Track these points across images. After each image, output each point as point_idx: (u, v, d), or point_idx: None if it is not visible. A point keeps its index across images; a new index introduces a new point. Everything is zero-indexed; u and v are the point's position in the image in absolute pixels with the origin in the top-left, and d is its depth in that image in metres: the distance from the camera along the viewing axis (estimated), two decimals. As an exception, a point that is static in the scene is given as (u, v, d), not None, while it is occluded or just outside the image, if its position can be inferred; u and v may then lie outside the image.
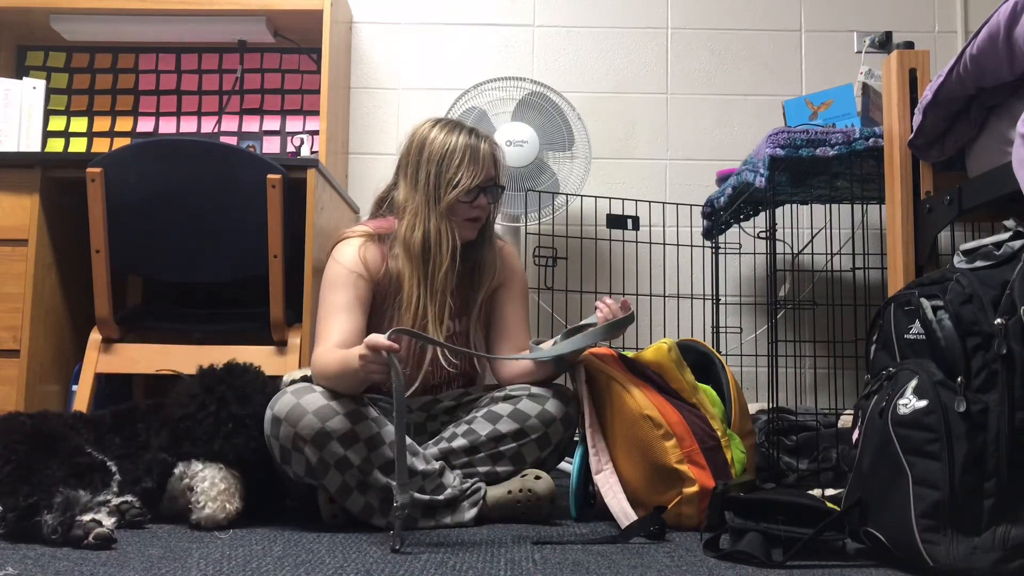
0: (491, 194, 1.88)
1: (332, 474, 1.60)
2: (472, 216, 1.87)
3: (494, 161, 1.89)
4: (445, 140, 1.86)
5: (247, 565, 1.28)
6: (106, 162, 2.20)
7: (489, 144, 1.89)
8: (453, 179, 1.83)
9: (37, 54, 3.09)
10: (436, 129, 1.88)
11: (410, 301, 1.81)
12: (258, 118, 3.07)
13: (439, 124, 1.90)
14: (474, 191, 1.85)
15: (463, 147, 1.84)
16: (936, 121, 1.69)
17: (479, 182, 1.84)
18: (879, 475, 1.31)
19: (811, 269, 2.94)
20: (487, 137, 1.90)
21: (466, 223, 1.88)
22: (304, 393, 1.64)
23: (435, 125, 1.90)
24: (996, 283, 1.25)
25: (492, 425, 1.76)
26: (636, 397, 1.70)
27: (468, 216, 1.87)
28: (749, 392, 2.86)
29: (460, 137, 1.86)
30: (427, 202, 1.84)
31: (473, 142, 1.86)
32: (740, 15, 3.11)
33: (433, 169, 1.85)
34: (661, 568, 1.31)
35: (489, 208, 1.90)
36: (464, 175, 1.83)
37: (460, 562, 1.33)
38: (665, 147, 3.07)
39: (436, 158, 1.85)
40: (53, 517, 1.42)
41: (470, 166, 1.84)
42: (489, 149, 1.88)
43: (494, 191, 1.89)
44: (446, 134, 1.86)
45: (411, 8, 3.11)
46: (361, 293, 1.83)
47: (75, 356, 2.43)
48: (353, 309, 1.80)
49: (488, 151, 1.87)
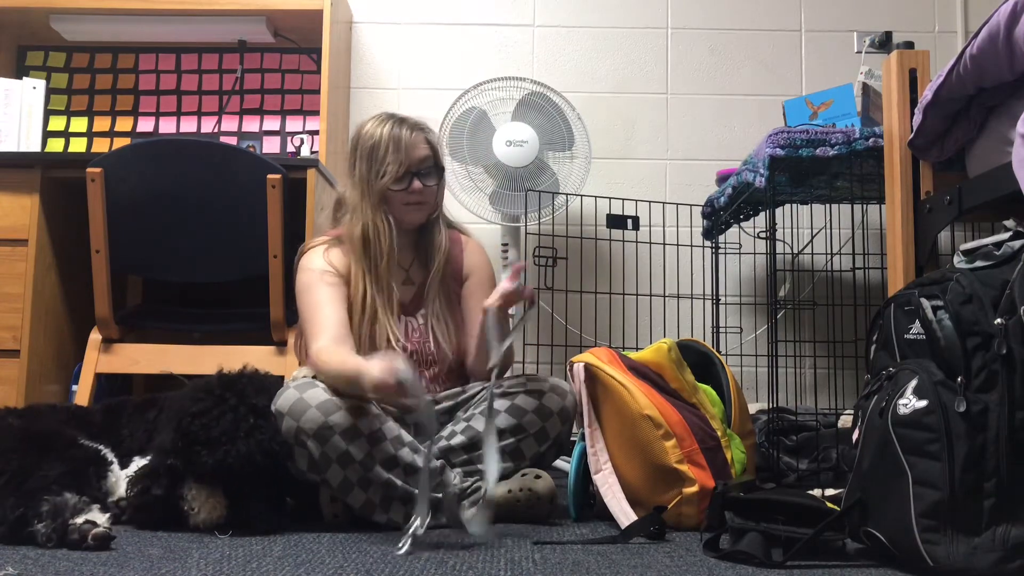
0: (426, 177, 1.90)
1: (334, 469, 1.60)
2: (410, 201, 1.90)
3: (426, 144, 1.91)
4: (372, 133, 1.89)
5: (247, 565, 1.28)
6: (106, 162, 2.20)
7: (415, 130, 1.91)
8: (380, 170, 1.87)
9: (37, 54, 3.09)
10: (369, 124, 1.92)
11: (357, 294, 1.85)
12: (258, 118, 3.07)
13: (372, 119, 1.93)
14: (405, 178, 1.87)
15: (387, 137, 1.88)
16: (936, 121, 1.69)
17: (405, 168, 1.87)
18: (879, 475, 1.31)
19: (811, 269, 2.94)
20: (416, 124, 1.93)
21: (408, 208, 1.90)
22: (307, 388, 1.64)
23: (370, 121, 1.93)
24: (996, 283, 1.25)
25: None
26: (636, 397, 1.70)
27: (406, 202, 1.89)
28: (749, 392, 2.86)
29: (385, 128, 1.89)
30: (362, 196, 1.88)
31: (396, 131, 1.88)
32: (740, 15, 3.11)
33: (364, 164, 1.89)
34: (661, 568, 1.31)
35: (431, 191, 1.92)
36: (390, 164, 1.86)
37: (460, 562, 1.33)
38: (665, 147, 3.07)
39: (366, 152, 1.89)
40: (45, 526, 1.40)
41: (395, 154, 1.86)
42: (414, 135, 1.89)
43: (430, 174, 1.91)
44: (374, 128, 1.90)
45: (411, 8, 3.11)
46: (336, 287, 1.85)
47: (75, 356, 2.43)
48: (334, 301, 1.83)
49: (412, 137, 1.89)
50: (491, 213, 2.71)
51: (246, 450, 1.53)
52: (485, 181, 2.72)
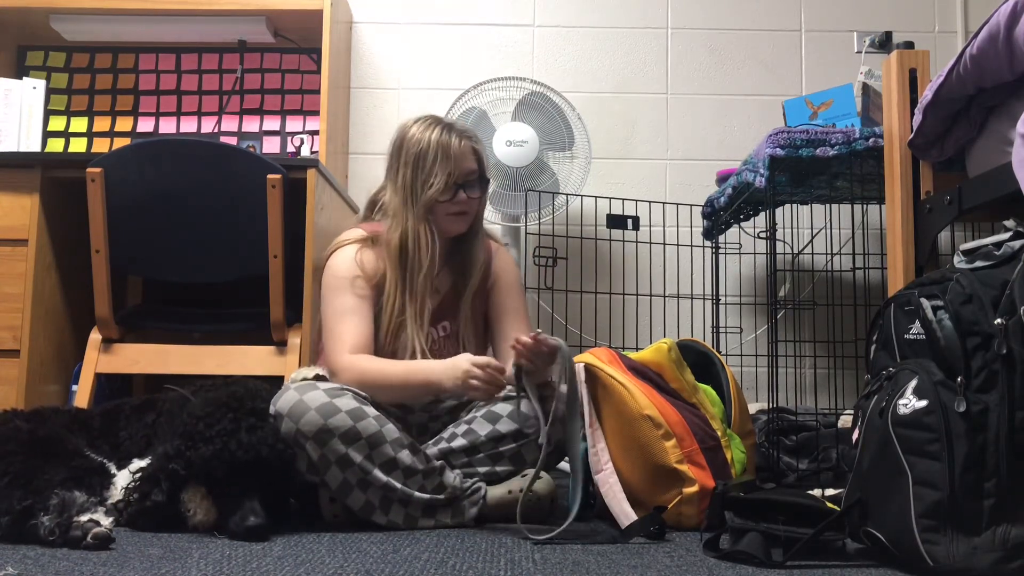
0: (472, 189, 1.88)
1: (333, 471, 1.60)
2: (454, 212, 1.87)
3: (473, 155, 1.88)
4: (419, 139, 1.86)
5: (247, 565, 1.28)
6: (106, 162, 2.20)
7: (463, 138, 1.87)
8: (428, 180, 1.84)
9: (37, 54, 3.09)
10: (414, 128, 1.88)
11: (389, 302, 1.83)
12: (258, 118, 3.07)
13: (417, 122, 1.90)
14: (452, 189, 1.85)
15: (435, 145, 1.84)
16: (936, 121, 1.69)
17: (454, 180, 1.84)
18: (879, 475, 1.31)
19: (811, 269, 2.94)
20: (464, 131, 1.89)
21: (450, 218, 1.88)
22: (307, 390, 1.64)
23: (414, 123, 1.90)
24: (996, 283, 1.25)
25: (492, 425, 1.76)
26: (636, 397, 1.70)
27: (450, 212, 1.87)
28: (749, 392, 2.86)
29: (433, 135, 1.85)
30: (404, 203, 1.85)
31: (444, 139, 1.84)
32: (740, 15, 3.11)
33: (409, 171, 1.86)
34: (661, 568, 1.31)
35: (475, 202, 1.90)
36: (438, 174, 1.83)
37: (460, 562, 1.33)
38: (665, 147, 3.07)
39: (411, 159, 1.86)
40: (50, 519, 1.40)
41: (443, 164, 1.83)
42: (463, 144, 1.86)
43: (475, 185, 1.89)
44: (420, 133, 1.86)
45: (411, 8, 3.11)
46: (364, 294, 1.83)
47: (75, 356, 2.43)
48: (360, 311, 1.82)
49: (461, 146, 1.86)
50: (491, 213, 2.71)
51: (248, 441, 1.53)
52: (485, 181, 2.72)
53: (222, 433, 1.53)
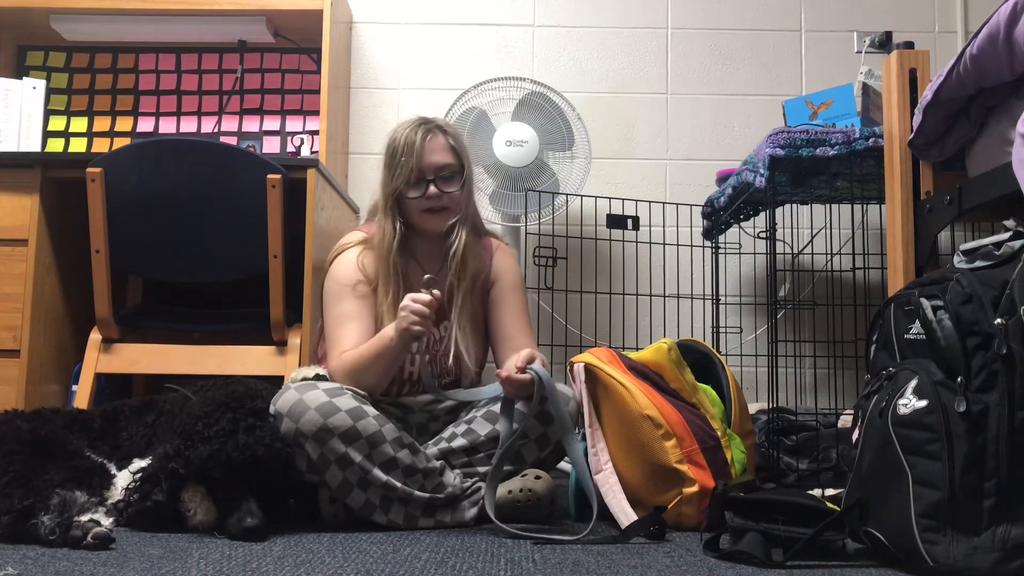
0: (446, 183, 1.88)
1: (333, 470, 1.60)
2: (427, 208, 1.87)
3: (448, 149, 1.88)
4: (395, 137, 1.89)
5: (247, 565, 1.28)
6: (106, 162, 2.20)
7: (433, 133, 1.87)
8: (394, 178, 1.86)
9: (37, 54, 3.09)
10: (397, 129, 1.91)
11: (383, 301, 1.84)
12: (258, 118, 3.07)
13: (402, 124, 1.92)
14: (421, 183, 1.85)
15: (403, 141, 1.86)
16: (936, 121, 1.69)
17: (417, 174, 1.85)
18: (879, 475, 1.31)
19: (811, 269, 2.94)
20: (436, 126, 1.89)
21: (425, 215, 1.88)
22: (307, 390, 1.64)
23: (399, 126, 1.92)
24: (996, 283, 1.25)
25: (492, 425, 1.76)
26: (636, 397, 1.70)
27: (423, 208, 1.87)
28: (749, 392, 2.86)
29: (406, 132, 1.87)
30: (384, 203, 1.89)
31: (411, 134, 1.86)
32: (740, 15, 3.11)
33: (386, 170, 1.89)
34: (661, 568, 1.31)
35: (450, 197, 1.88)
36: (400, 171, 1.85)
37: (460, 562, 1.33)
38: (665, 147, 3.07)
39: (387, 159, 1.89)
40: (50, 518, 1.41)
41: (407, 158, 1.84)
42: (431, 138, 1.86)
43: (450, 180, 1.88)
44: (399, 131, 1.89)
45: (411, 8, 3.11)
46: (365, 299, 1.85)
47: (75, 356, 2.43)
48: (361, 316, 1.83)
49: (428, 140, 1.86)
50: (491, 213, 2.70)
51: (244, 442, 1.53)
52: (485, 181, 2.72)
53: (220, 433, 1.53)
